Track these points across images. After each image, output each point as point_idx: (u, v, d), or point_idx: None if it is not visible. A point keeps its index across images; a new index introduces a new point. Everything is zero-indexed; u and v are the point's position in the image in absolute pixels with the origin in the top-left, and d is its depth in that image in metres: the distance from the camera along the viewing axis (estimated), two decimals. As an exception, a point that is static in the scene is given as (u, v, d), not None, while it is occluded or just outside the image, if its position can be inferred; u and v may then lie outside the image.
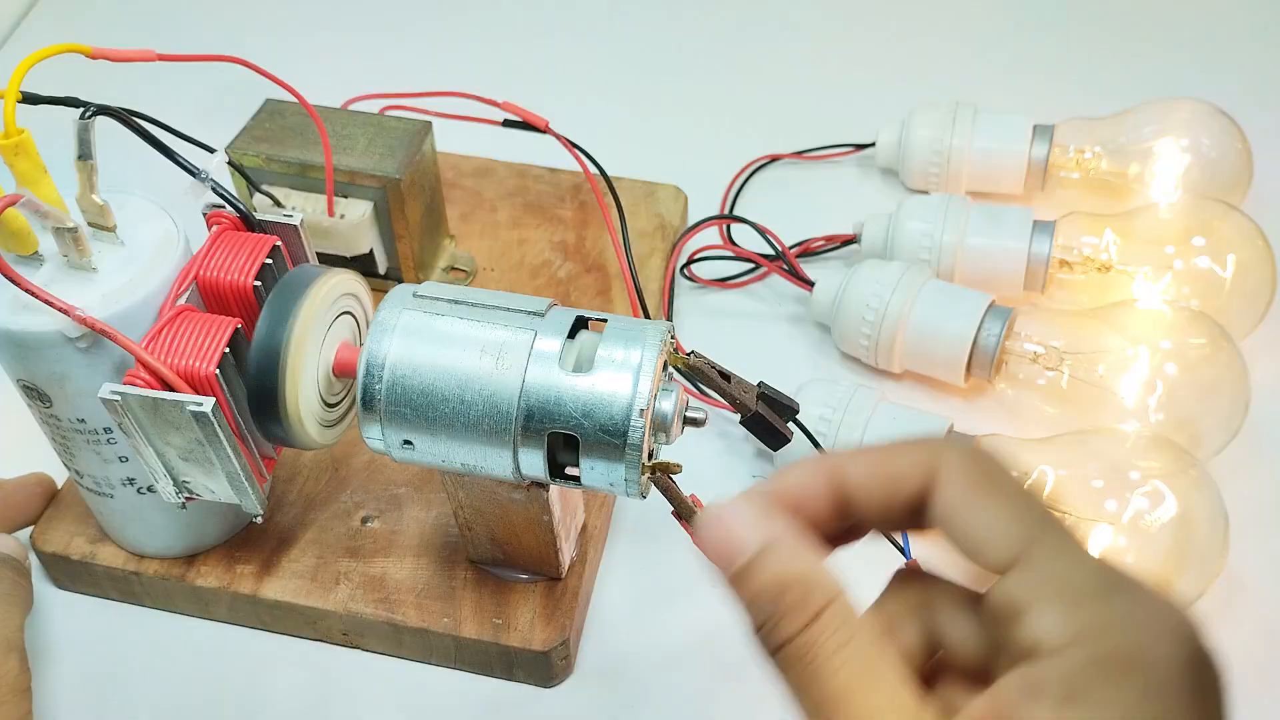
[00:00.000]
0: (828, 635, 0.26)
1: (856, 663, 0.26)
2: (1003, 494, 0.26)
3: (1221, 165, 0.60)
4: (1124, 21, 0.78)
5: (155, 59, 0.40)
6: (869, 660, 0.26)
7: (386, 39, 0.78)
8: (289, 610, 0.46)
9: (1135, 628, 0.25)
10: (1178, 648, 0.24)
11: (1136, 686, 0.24)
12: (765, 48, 0.77)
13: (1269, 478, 0.53)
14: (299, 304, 0.38)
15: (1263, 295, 0.55)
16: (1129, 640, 0.24)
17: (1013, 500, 0.26)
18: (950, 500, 0.27)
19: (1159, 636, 0.25)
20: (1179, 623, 0.25)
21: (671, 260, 0.59)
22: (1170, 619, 0.25)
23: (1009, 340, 0.53)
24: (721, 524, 0.28)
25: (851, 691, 0.26)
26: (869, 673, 0.26)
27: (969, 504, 0.27)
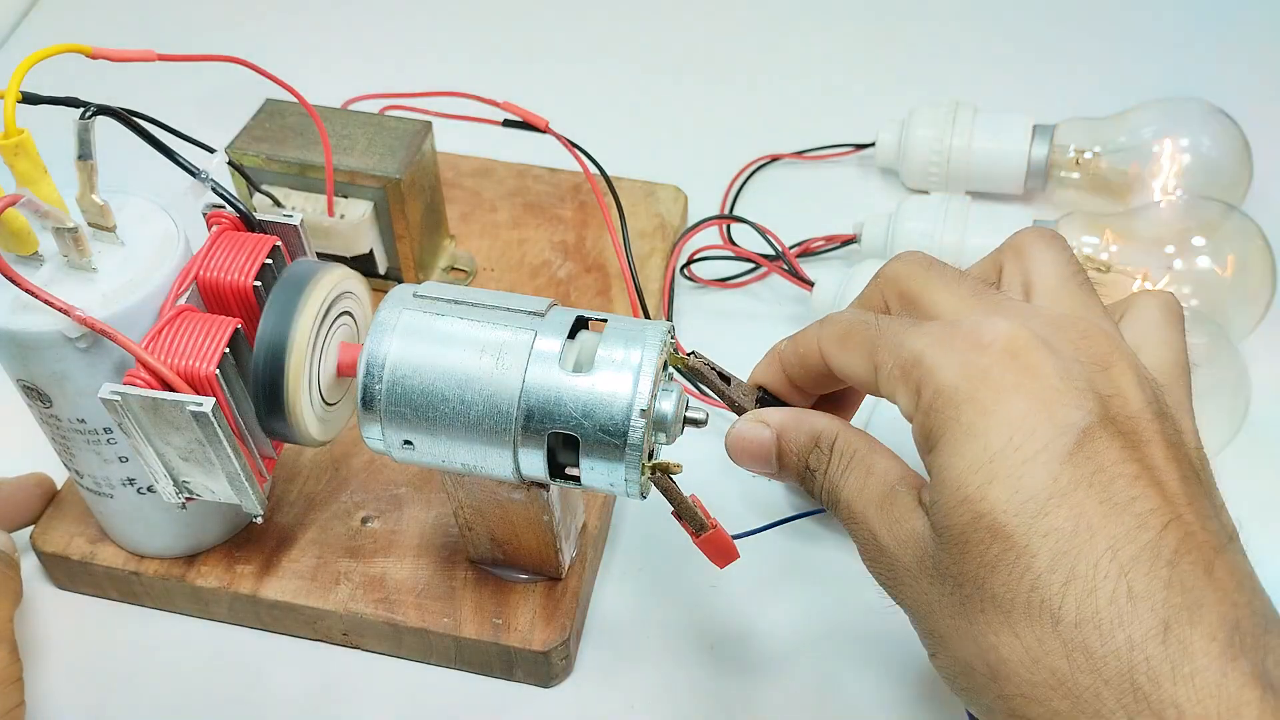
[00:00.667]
0: (839, 467, 0.35)
1: (855, 475, 0.35)
2: (858, 335, 0.35)
3: (1221, 165, 0.60)
4: (1124, 21, 0.78)
5: (155, 59, 0.40)
6: (864, 468, 0.35)
7: (386, 39, 0.78)
8: (289, 610, 0.46)
9: (941, 367, 0.32)
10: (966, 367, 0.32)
11: (955, 407, 0.31)
12: (765, 48, 0.77)
13: (1269, 478, 0.52)
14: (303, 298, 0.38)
15: (1263, 295, 0.55)
16: (939, 380, 0.32)
17: (864, 333, 0.35)
18: (830, 359, 0.37)
19: (955, 364, 0.32)
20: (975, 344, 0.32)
21: (671, 260, 0.59)
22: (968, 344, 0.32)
23: (1009, 340, 0.52)
24: (741, 439, 0.38)
25: (853, 498, 0.35)
26: (865, 476, 0.35)
27: (839, 356, 0.36)
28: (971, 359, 0.31)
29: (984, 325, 0.32)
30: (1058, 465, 0.29)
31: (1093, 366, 0.31)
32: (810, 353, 0.37)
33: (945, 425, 0.31)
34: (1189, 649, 0.28)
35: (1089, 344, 0.32)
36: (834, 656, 0.47)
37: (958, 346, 0.32)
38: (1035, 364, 0.31)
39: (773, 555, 0.49)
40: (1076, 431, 0.30)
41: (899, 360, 0.33)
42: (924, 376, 0.32)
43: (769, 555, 0.49)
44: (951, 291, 0.35)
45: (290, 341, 0.38)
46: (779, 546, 0.49)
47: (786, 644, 0.47)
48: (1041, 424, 0.30)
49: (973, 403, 0.31)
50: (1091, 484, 0.29)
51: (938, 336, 0.33)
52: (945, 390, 0.31)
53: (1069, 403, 0.30)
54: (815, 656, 0.47)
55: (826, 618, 0.48)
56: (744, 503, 0.52)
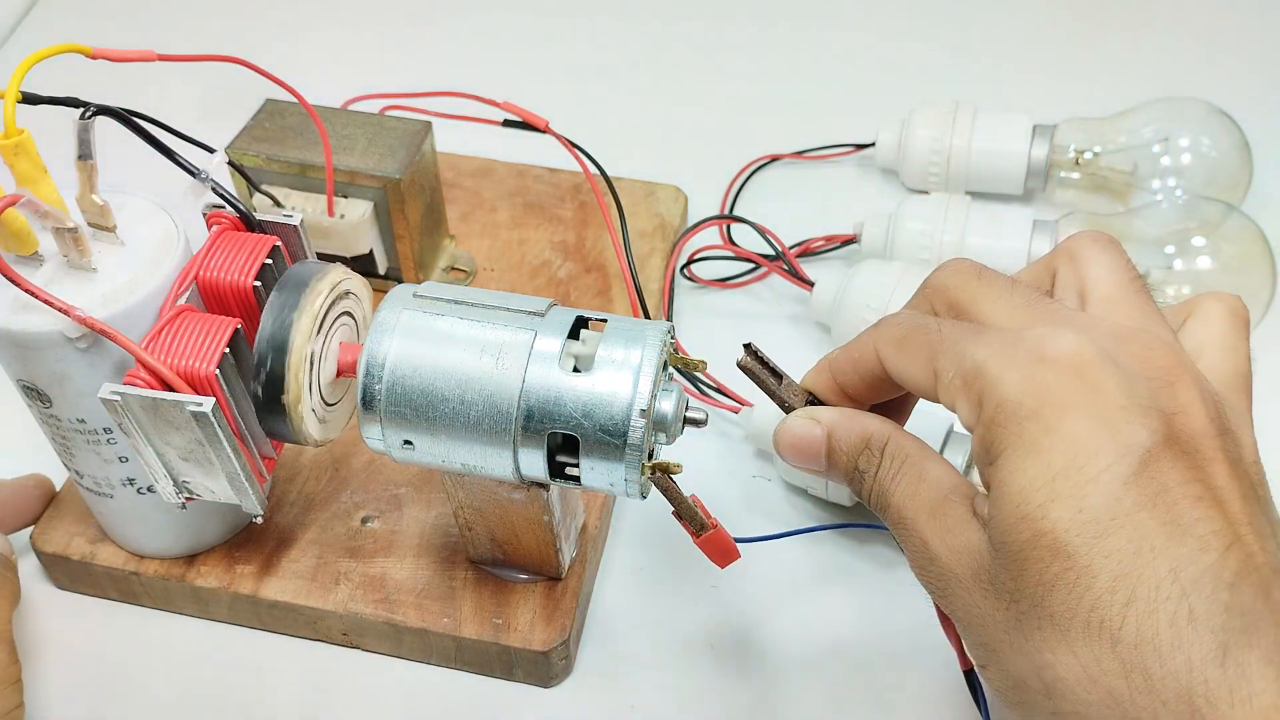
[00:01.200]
0: (889, 472, 0.35)
1: (907, 481, 0.34)
2: (918, 340, 0.34)
3: (1221, 165, 0.60)
4: (1124, 21, 0.78)
5: (155, 59, 0.40)
6: (915, 474, 0.34)
7: (386, 39, 0.78)
8: (289, 610, 0.46)
9: (1004, 380, 0.31)
10: (1030, 381, 0.31)
11: (1018, 422, 0.31)
12: (765, 48, 0.77)
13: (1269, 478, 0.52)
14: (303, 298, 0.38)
15: (1263, 295, 0.55)
16: (1001, 393, 0.31)
17: (924, 338, 0.34)
18: (888, 363, 0.35)
19: (1018, 378, 0.31)
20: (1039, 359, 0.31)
21: (671, 260, 0.59)
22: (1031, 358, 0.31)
23: (1009, 340, 0.53)
24: (790, 435, 0.37)
25: (904, 503, 0.34)
26: (916, 482, 0.34)
27: (898, 361, 0.35)
28: (1036, 373, 0.31)
29: (1049, 338, 0.31)
30: (1121, 486, 0.29)
31: (1157, 382, 0.31)
32: (866, 356, 0.36)
33: (1008, 440, 0.31)
34: (1246, 672, 0.28)
35: (1153, 358, 0.32)
36: (834, 656, 0.47)
37: (1021, 359, 0.31)
38: (1100, 381, 0.30)
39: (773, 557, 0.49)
40: (1141, 452, 0.29)
41: (960, 369, 0.32)
42: (986, 388, 0.31)
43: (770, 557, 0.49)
44: (1005, 302, 0.34)
45: (290, 342, 0.38)
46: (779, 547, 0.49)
47: (786, 644, 0.47)
48: (1105, 443, 0.30)
49: (1036, 419, 0.30)
50: (1155, 505, 0.29)
51: (1001, 347, 0.32)
52: (1008, 404, 0.31)
53: (1133, 421, 0.30)
54: (815, 656, 0.47)
55: (827, 618, 0.48)
56: (744, 503, 0.52)
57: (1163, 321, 0.34)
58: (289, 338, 0.38)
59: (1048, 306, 0.34)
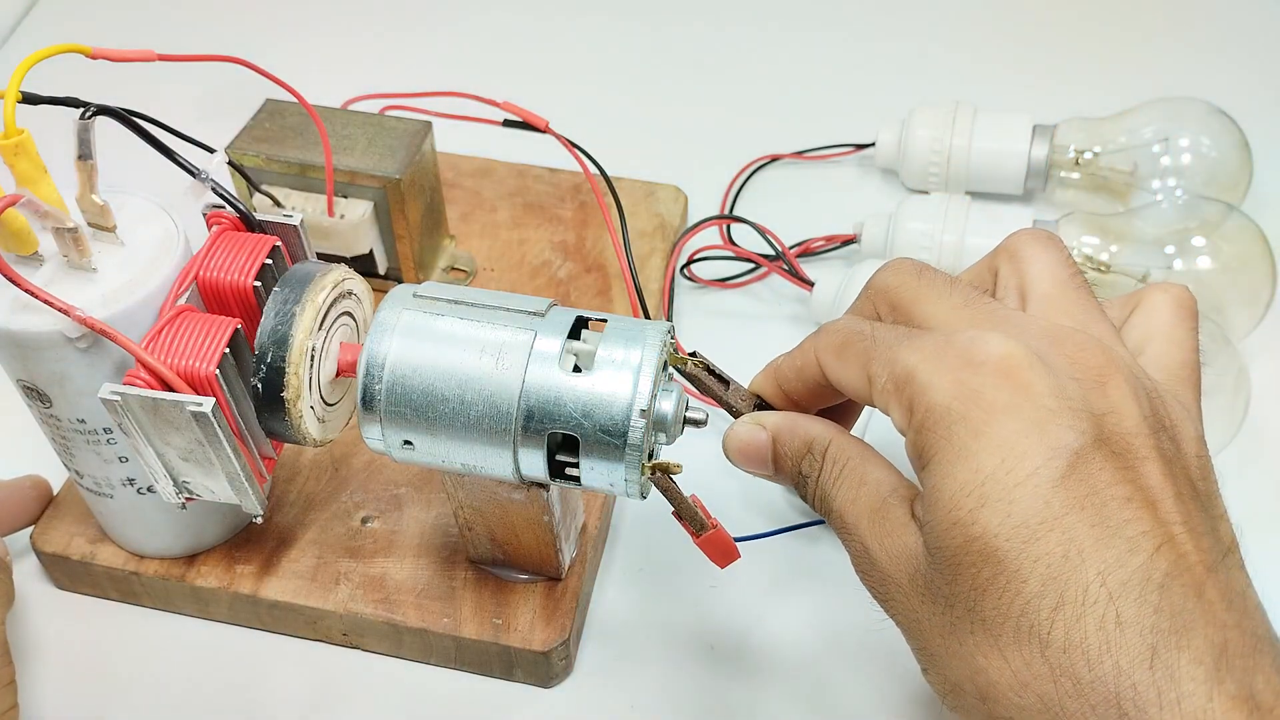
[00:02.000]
0: (831, 475, 0.35)
1: (848, 485, 0.35)
2: (854, 346, 0.35)
3: (1221, 165, 0.60)
4: (1124, 21, 0.78)
5: (155, 59, 0.40)
6: (856, 477, 0.35)
7: (386, 39, 0.78)
8: (289, 610, 0.46)
9: (933, 385, 0.32)
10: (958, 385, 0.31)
11: (946, 427, 0.31)
12: (765, 48, 0.77)
13: (1269, 478, 0.53)
14: (303, 298, 0.38)
15: (1263, 295, 0.55)
16: (930, 399, 0.32)
17: (860, 345, 0.35)
18: (828, 370, 0.36)
19: (946, 383, 0.31)
20: (967, 363, 0.31)
21: (671, 260, 0.59)
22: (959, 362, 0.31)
23: (1009, 340, 0.53)
24: (737, 440, 0.38)
25: (845, 507, 0.35)
26: (857, 486, 0.34)
27: (836, 368, 0.36)
28: (964, 377, 0.31)
29: (977, 342, 0.31)
30: (1049, 489, 0.29)
31: (1088, 383, 0.31)
32: (808, 364, 0.37)
33: (937, 445, 0.31)
34: (1175, 675, 0.28)
35: (1084, 357, 0.32)
36: (834, 657, 0.47)
37: (950, 364, 0.31)
38: (1028, 383, 0.30)
39: (773, 556, 0.49)
40: (1069, 454, 0.29)
41: (892, 375, 0.33)
42: (916, 393, 0.32)
43: (769, 556, 0.49)
44: (944, 302, 0.34)
45: (291, 339, 0.38)
46: (779, 547, 0.49)
47: (786, 644, 0.47)
48: (1034, 446, 0.30)
49: (965, 423, 0.30)
50: (1084, 508, 0.29)
51: (930, 352, 0.32)
52: (937, 409, 0.31)
53: (1062, 424, 0.30)
54: (815, 657, 0.47)
55: (827, 618, 0.48)
56: (744, 503, 0.52)
57: (1102, 318, 0.34)
58: (290, 335, 0.38)
59: (985, 306, 0.34)
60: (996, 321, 0.33)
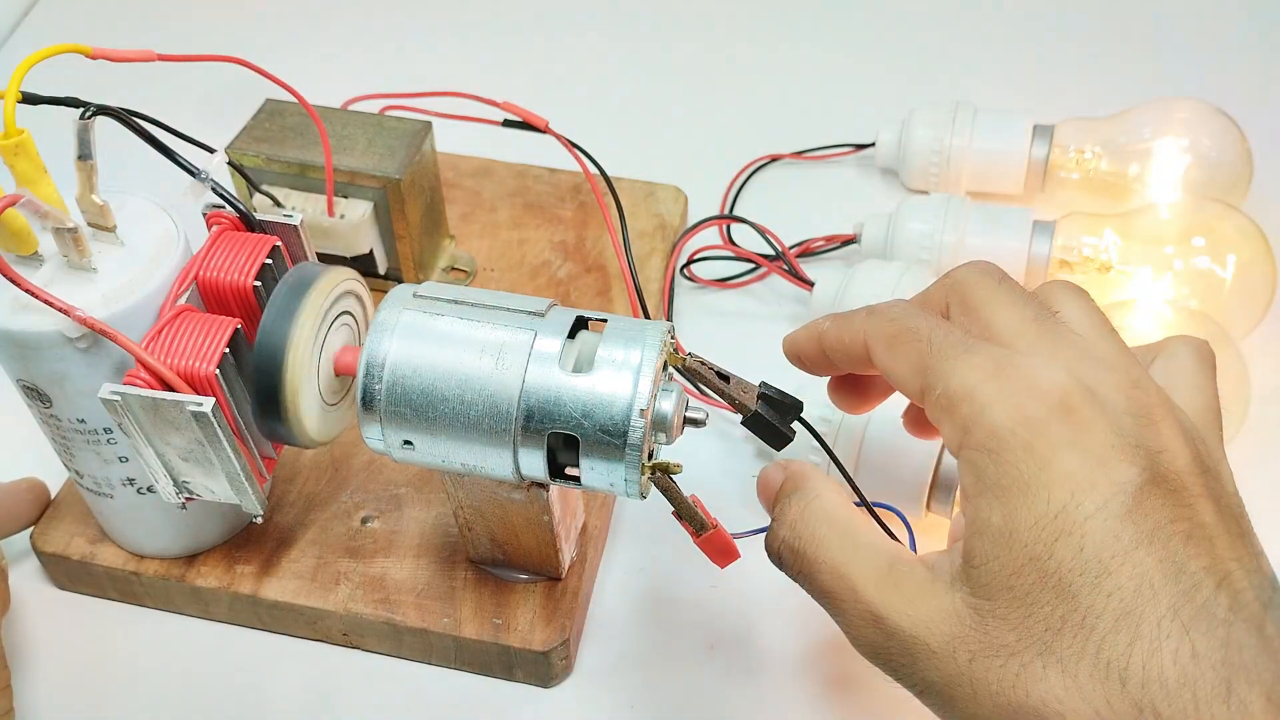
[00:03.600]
0: (809, 522, 0.35)
1: (828, 531, 0.35)
2: (909, 343, 0.34)
3: (1221, 165, 0.60)
4: (1124, 21, 0.78)
5: (155, 59, 0.40)
6: (848, 537, 0.34)
7: (386, 39, 0.78)
8: (289, 610, 0.46)
9: (994, 408, 0.31)
10: (1022, 412, 0.31)
11: (1010, 453, 0.30)
12: (765, 48, 0.77)
13: (1269, 478, 0.52)
14: (303, 299, 0.38)
15: (1263, 295, 0.55)
16: (990, 420, 0.31)
17: (915, 344, 0.34)
18: (876, 359, 0.35)
19: (1009, 408, 0.31)
20: (1030, 390, 0.31)
21: (671, 260, 0.59)
22: (1022, 388, 0.31)
23: (1009, 340, 0.53)
24: (762, 481, 0.39)
25: (840, 571, 0.34)
26: (851, 549, 0.34)
27: (886, 359, 0.35)
28: (1026, 404, 0.31)
29: (1040, 369, 0.31)
30: (1118, 523, 0.29)
31: (1142, 419, 0.31)
32: (855, 343, 0.36)
33: (1001, 472, 0.30)
34: (1250, 709, 0.28)
35: (1139, 395, 0.32)
36: (833, 657, 0.47)
37: (1012, 387, 0.31)
38: (1089, 419, 0.30)
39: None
40: (1133, 489, 0.29)
41: (947, 388, 0.32)
42: (974, 415, 0.31)
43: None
44: (1016, 311, 0.34)
45: (289, 348, 0.38)
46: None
47: (786, 644, 0.47)
48: (1100, 480, 0.30)
49: (1030, 453, 0.30)
50: (1151, 542, 0.29)
51: (991, 371, 0.32)
52: (1000, 433, 0.31)
53: (1123, 459, 0.30)
54: (815, 657, 0.47)
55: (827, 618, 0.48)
56: (745, 503, 0.52)
57: (1137, 362, 0.34)
58: (289, 337, 0.38)
59: (1055, 325, 0.34)
60: (1061, 344, 0.33)
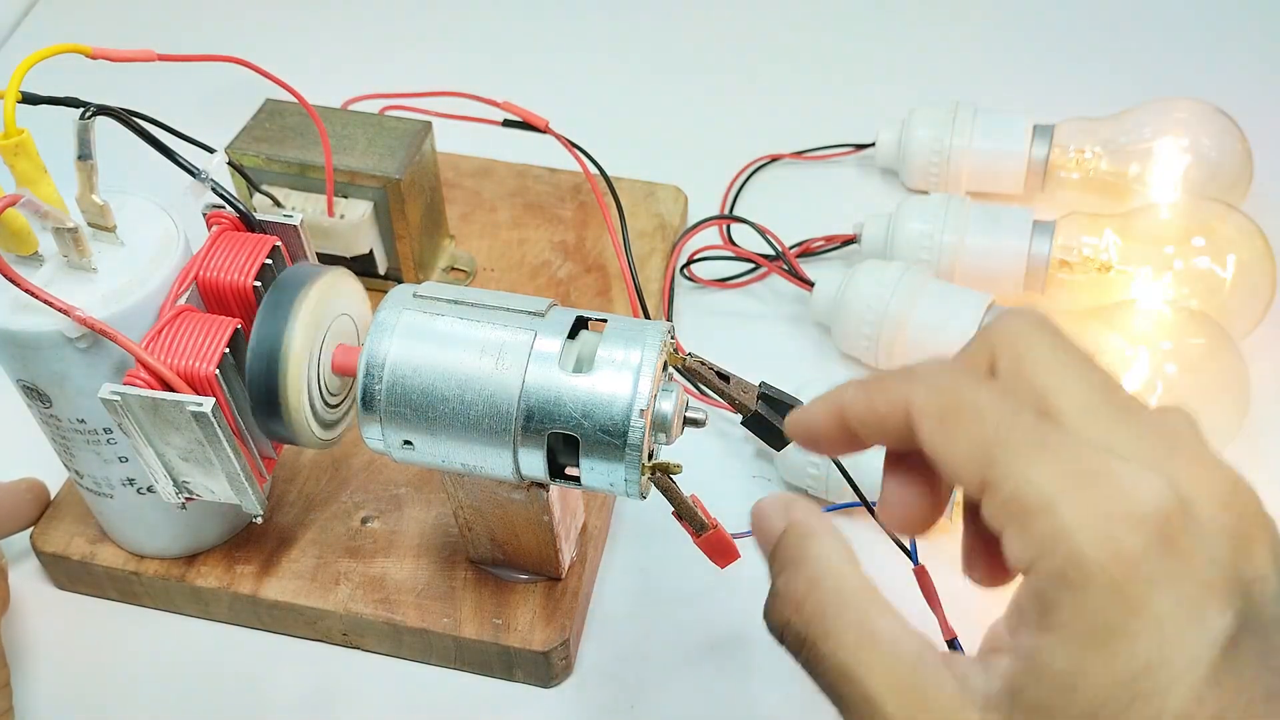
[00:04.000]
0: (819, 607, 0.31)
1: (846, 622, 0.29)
2: (966, 421, 0.28)
3: (1221, 165, 0.60)
4: (1124, 21, 0.78)
5: (155, 59, 0.40)
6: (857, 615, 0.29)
7: (386, 39, 0.78)
8: (289, 610, 0.46)
9: (1080, 532, 0.26)
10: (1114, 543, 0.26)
11: (1095, 592, 0.26)
12: (765, 48, 0.77)
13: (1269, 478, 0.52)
14: (298, 301, 0.38)
15: (1263, 295, 0.55)
16: (1074, 548, 0.26)
17: (975, 426, 0.28)
18: (923, 436, 0.29)
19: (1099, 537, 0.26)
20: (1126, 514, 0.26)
21: (671, 260, 0.59)
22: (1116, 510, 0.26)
23: (1009, 340, 0.53)
24: (757, 518, 0.34)
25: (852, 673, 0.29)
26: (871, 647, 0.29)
27: (936, 439, 0.28)
28: (1119, 533, 0.26)
29: (1136, 486, 0.27)
30: (1203, 686, 0.26)
31: (1239, 539, 0.28)
32: (894, 414, 0.29)
33: (1079, 611, 0.26)
34: None
35: (1237, 504, 0.28)
36: (834, 656, 0.47)
37: (1101, 507, 0.26)
38: (1187, 550, 0.26)
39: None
40: (1224, 639, 0.26)
41: (1018, 494, 0.27)
42: (1054, 534, 0.26)
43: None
44: (1082, 383, 0.29)
45: (284, 351, 0.38)
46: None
47: (786, 644, 0.47)
48: (1192, 632, 0.26)
49: (1120, 595, 0.26)
50: (1233, 705, 0.26)
51: (1075, 482, 0.27)
52: (1086, 567, 0.26)
53: (1219, 602, 0.26)
54: (815, 656, 0.47)
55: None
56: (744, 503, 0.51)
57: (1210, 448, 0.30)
58: (285, 342, 0.38)
59: (1129, 403, 0.29)
60: (1147, 433, 0.28)
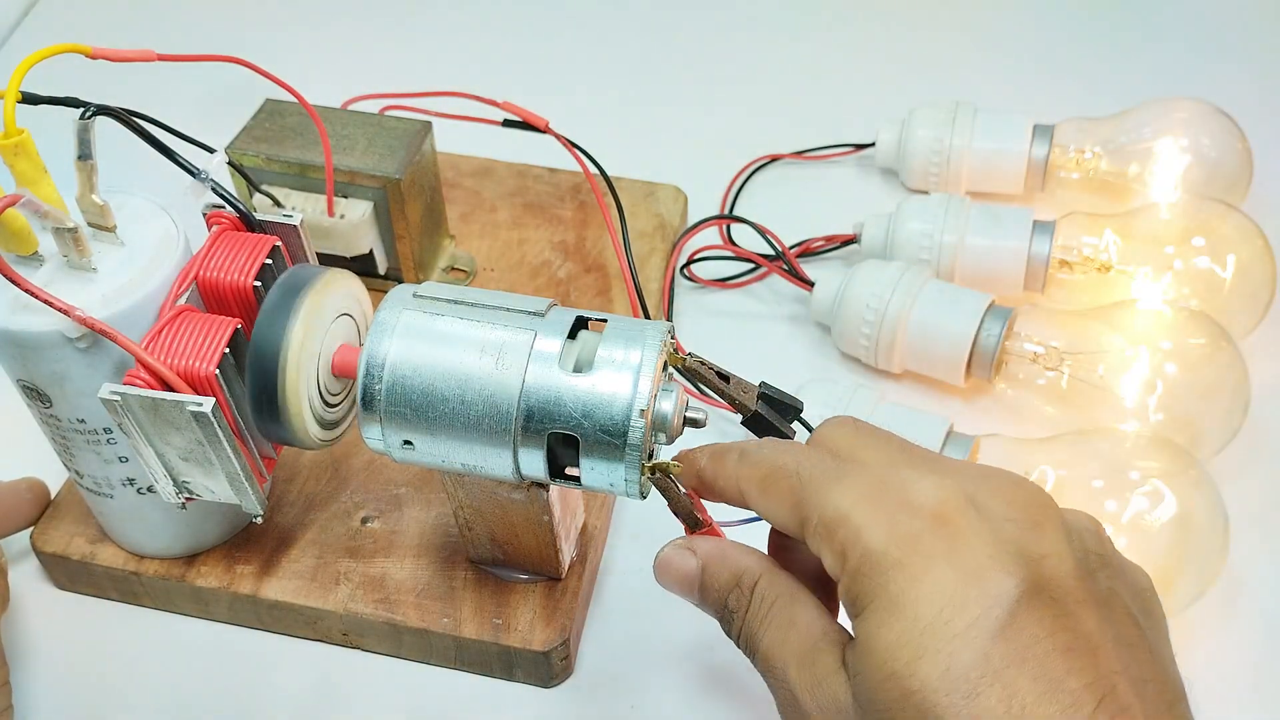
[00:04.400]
0: (758, 614, 0.34)
1: (776, 625, 0.34)
2: (780, 480, 0.34)
3: (1221, 165, 0.60)
4: (1124, 21, 0.78)
5: (155, 59, 0.40)
6: (785, 618, 0.34)
7: (386, 39, 0.78)
8: (289, 610, 0.46)
9: (869, 529, 0.31)
10: (896, 529, 0.30)
11: (883, 572, 0.30)
12: (765, 48, 0.77)
13: (1269, 478, 0.52)
14: (298, 302, 0.38)
15: (1263, 295, 0.55)
16: (865, 542, 0.31)
17: (786, 480, 0.33)
18: (753, 505, 0.35)
19: (884, 527, 0.31)
20: (906, 505, 0.31)
21: (671, 260, 0.59)
22: (898, 505, 0.31)
23: (1009, 340, 0.53)
24: (667, 565, 0.37)
25: (772, 650, 0.34)
26: (786, 628, 0.33)
27: (761, 504, 0.35)
28: (900, 520, 0.30)
29: (912, 483, 0.31)
30: (989, 642, 0.28)
31: (1024, 524, 0.31)
32: (729, 489, 0.36)
33: (873, 591, 0.30)
34: None
35: (1021, 495, 0.31)
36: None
37: (885, 506, 0.31)
38: (965, 529, 0.30)
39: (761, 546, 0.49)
40: (1008, 603, 0.29)
41: (823, 517, 0.32)
42: (850, 537, 0.31)
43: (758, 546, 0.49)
44: (882, 449, 0.34)
45: (284, 352, 0.38)
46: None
47: (786, 644, 0.47)
48: (972, 595, 0.29)
49: (901, 569, 0.30)
50: (1024, 660, 0.28)
51: (864, 492, 0.31)
52: (873, 554, 0.30)
53: (1000, 570, 0.29)
54: (815, 656, 0.47)
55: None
56: (744, 503, 0.52)
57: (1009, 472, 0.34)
58: (285, 342, 0.38)
59: (919, 450, 0.34)
60: (930, 463, 0.33)
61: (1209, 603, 0.46)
